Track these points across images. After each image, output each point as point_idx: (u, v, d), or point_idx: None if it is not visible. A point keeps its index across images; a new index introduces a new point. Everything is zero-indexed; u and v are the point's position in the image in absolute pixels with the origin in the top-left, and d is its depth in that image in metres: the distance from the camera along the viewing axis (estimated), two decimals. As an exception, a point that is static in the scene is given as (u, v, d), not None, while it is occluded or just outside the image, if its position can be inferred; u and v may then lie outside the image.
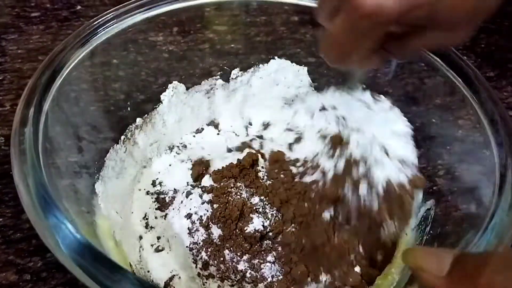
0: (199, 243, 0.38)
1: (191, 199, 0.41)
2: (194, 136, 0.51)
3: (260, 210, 0.39)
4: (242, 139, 0.48)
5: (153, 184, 0.46)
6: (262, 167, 0.43)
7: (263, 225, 0.39)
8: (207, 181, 0.43)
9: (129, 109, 0.47)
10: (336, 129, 0.42)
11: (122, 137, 0.47)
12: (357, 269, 0.38)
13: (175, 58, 0.50)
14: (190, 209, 0.40)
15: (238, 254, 0.38)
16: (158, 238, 0.41)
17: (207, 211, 0.40)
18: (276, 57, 0.51)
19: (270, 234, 0.39)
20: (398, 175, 0.39)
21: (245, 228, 0.38)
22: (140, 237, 0.42)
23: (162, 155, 0.48)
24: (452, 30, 0.33)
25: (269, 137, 0.47)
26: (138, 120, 0.48)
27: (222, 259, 0.38)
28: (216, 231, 0.39)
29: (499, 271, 0.22)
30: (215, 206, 0.40)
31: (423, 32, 0.33)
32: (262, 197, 0.40)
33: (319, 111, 0.44)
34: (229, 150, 0.47)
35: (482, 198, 0.35)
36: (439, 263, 0.25)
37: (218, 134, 0.51)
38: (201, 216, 0.40)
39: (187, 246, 0.38)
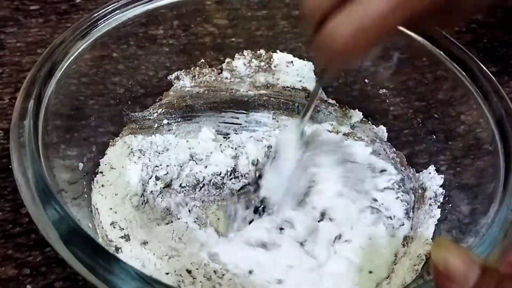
0: None
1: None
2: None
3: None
4: None
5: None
6: None
7: None
8: None
9: (129, 102, 0.47)
10: None
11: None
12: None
13: (176, 52, 0.50)
14: None
15: None
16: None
17: None
18: (278, 51, 0.51)
19: None
20: None
21: None
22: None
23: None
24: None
25: None
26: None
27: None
28: None
29: None
30: None
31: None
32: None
33: None
34: None
35: (486, 193, 0.35)
36: (467, 273, 0.23)
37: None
38: None
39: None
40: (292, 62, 0.51)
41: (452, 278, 0.23)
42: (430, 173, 0.44)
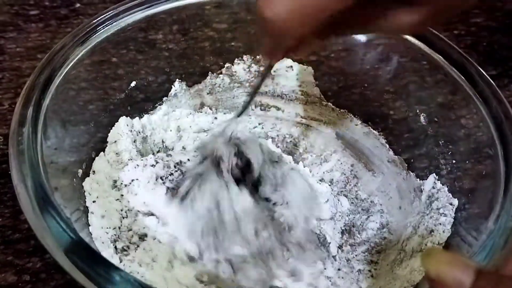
0: None
1: None
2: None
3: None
4: None
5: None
6: None
7: None
8: None
9: (128, 108, 0.47)
10: None
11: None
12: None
13: (175, 57, 0.50)
14: None
15: None
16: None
17: None
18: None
19: None
20: None
21: None
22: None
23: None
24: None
25: None
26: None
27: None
28: None
29: None
30: None
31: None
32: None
33: None
34: None
35: (486, 198, 0.35)
36: (461, 278, 0.22)
37: None
38: None
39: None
40: (291, 67, 0.51)
41: (446, 284, 0.23)
42: (431, 181, 0.44)
